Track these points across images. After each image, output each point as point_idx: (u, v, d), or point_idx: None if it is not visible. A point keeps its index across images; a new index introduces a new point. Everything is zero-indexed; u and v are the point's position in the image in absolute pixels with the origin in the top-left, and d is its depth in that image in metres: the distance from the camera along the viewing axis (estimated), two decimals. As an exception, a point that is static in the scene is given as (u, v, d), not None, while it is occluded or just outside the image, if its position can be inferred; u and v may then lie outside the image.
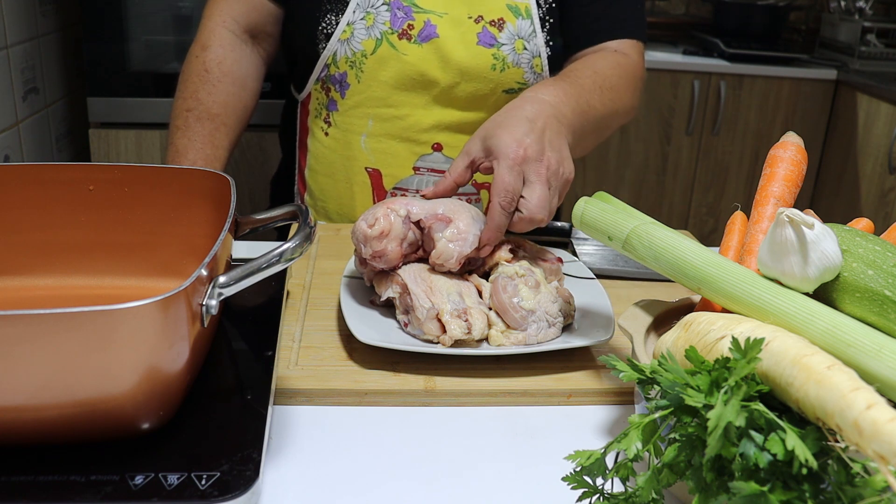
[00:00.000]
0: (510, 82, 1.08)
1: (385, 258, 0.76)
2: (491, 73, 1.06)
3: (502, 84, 1.08)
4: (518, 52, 1.07)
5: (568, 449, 0.55)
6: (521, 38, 1.07)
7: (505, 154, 0.79)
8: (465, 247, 0.76)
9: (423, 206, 0.78)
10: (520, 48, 1.07)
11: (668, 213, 2.69)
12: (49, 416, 0.51)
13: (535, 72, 1.09)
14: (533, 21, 1.08)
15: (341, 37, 1.06)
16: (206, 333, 0.58)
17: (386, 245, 0.76)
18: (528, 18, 1.08)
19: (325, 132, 1.13)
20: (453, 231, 0.76)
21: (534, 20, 1.08)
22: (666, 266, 0.63)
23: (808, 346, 0.49)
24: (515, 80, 1.08)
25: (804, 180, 0.71)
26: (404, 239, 0.77)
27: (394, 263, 0.77)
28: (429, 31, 1.05)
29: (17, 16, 1.71)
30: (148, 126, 1.88)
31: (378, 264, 0.77)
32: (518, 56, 1.07)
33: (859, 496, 0.42)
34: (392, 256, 0.76)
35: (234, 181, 0.68)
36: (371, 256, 0.76)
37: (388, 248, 0.76)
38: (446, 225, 0.77)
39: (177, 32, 1.88)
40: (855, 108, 2.50)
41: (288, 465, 0.59)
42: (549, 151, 0.81)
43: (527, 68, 1.08)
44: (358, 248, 0.78)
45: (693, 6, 2.99)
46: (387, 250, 0.76)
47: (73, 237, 0.72)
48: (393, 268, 0.77)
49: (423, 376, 0.69)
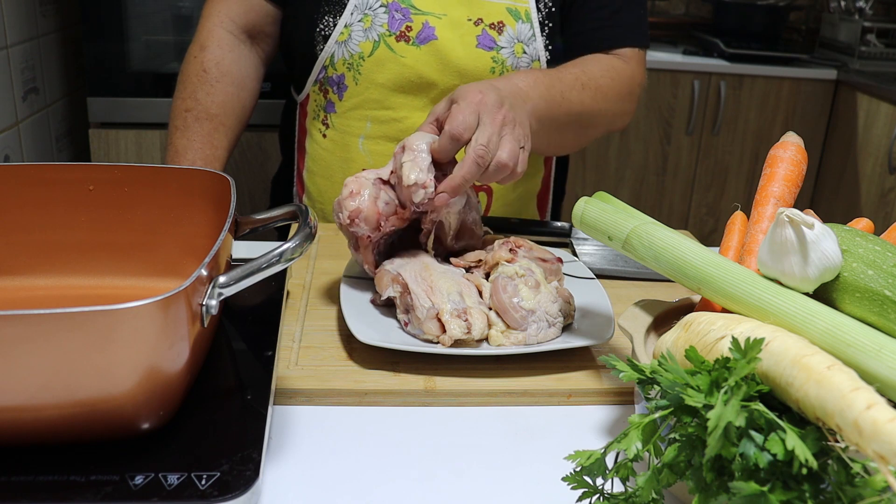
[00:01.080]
0: None
1: (362, 217, 0.77)
2: (490, 76, 1.06)
3: None
4: (517, 55, 1.07)
5: (568, 449, 0.55)
6: (520, 42, 1.07)
7: (464, 97, 0.79)
8: (423, 154, 0.76)
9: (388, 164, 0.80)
10: (519, 52, 1.07)
11: (668, 213, 2.69)
12: (49, 416, 0.51)
13: None
14: (532, 25, 1.07)
15: (339, 39, 1.06)
16: (206, 333, 0.58)
17: (359, 203, 0.77)
18: (528, 22, 1.07)
19: (323, 134, 1.12)
20: (407, 152, 0.76)
21: (533, 24, 1.07)
22: (666, 266, 0.63)
23: (808, 346, 0.49)
24: None
25: (804, 180, 0.71)
26: (377, 197, 0.78)
27: (374, 223, 0.77)
28: (427, 33, 1.04)
29: (17, 16, 1.71)
30: (148, 126, 1.88)
31: (359, 230, 0.77)
32: (517, 59, 1.07)
33: (859, 496, 0.42)
34: (368, 214, 0.77)
35: (234, 181, 0.68)
36: (349, 221, 0.77)
37: (362, 206, 0.77)
38: (402, 153, 0.77)
39: (177, 32, 1.88)
40: (855, 108, 2.50)
41: (288, 465, 0.59)
42: (507, 107, 0.81)
43: None
44: (337, 221, 0.79)
45: (693, 6, 2.99)
46: (361, 208, 0.77)
47: (73, 237, 0.72)
48: (376, 229, 0.78)
49: (423, 376, 0.69)
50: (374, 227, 0.78)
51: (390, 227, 0.79)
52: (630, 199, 2.61)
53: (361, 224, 0.77)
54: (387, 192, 0.79)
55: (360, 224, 0.77)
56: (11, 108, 1.68)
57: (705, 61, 2.56)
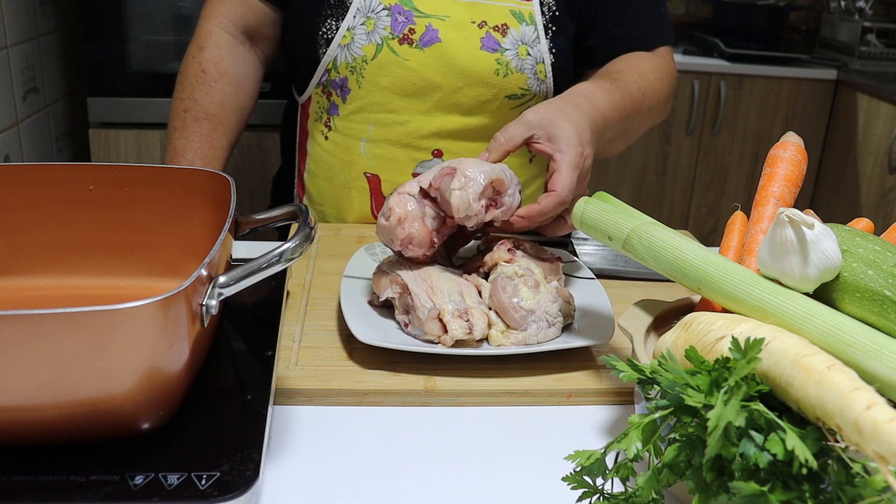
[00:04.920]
0: (513, 88, 1.07)
1: (416, 241, 0.76)
2: (494, 78, 1.05)
3: (505, 89, 1.07)
4: (522, 57, 1.06)
5: (568, 449, 0.55)
6: (524, 44, 1.06)
7: (570, 153, 0.83)
8: (477, 186, 0.74)
9: (429, 173, 0.78)
10: (523, 53, 1.06)
11: (668, 213, 2.69)
12: (49, 416, 0.51)
13: (539, 78, 1.08)
14: (537, 27, 1.07)
15: (342, 42, 1.06)
16: (206, 333, 0.58)
17: (409, 229, 0.75)
18: (532, 24, 1.07)
19: (325, 136, 1.12)
20: (460, 178, 0.75)
21: (537, 26, 1.07)
22: (666, 266, 0.63)
23: (808, 346, 0.49)
24: (518, 86, 1.07)
25: (804, 180, 0.71)
26: (424, 216, 0.76)
27: (426, 245, 0.76)
28: (431, 36, 1.04)
29: (17, 16, 1.71)
30: (148, 126, 1.88)
31: (413, 252, 0.76)
32: (521, 61, 1.06)
33: (859, 496, 0.42)
34: (422, 237, 0.76)
35: (234, 181, 0.68)
36: (403, 247, 0.76)
37: (412, 231, 0.75)
38: (452, 177, 0.75)
39: (177, 32, 1.88)
40: (855, 108, 2.50)
41: (288, 465, 0.59)
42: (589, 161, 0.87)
43: (530, 74, 1.07)
44: (389, 246, 0.77)
45: (693, 6, 2.99)
46: (412, 234, 0.75)
47: (73, 237, 0.72)
48: (430, 248, 0.77)
49: (423, 376, 0.69)
50: (428, 247, 0.77)
51: (441, 238, 0.78)
52: (630, 199, 2.61)
53: (415, 248, 0.76)
54: (431, 207, 0.77)
55: (413, 248, 0.76)
56: (11, 108, 1.68)
57: (705, 61, 2.56)
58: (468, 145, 1.09)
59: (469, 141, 1.09)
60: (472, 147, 1.09)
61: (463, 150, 1.09)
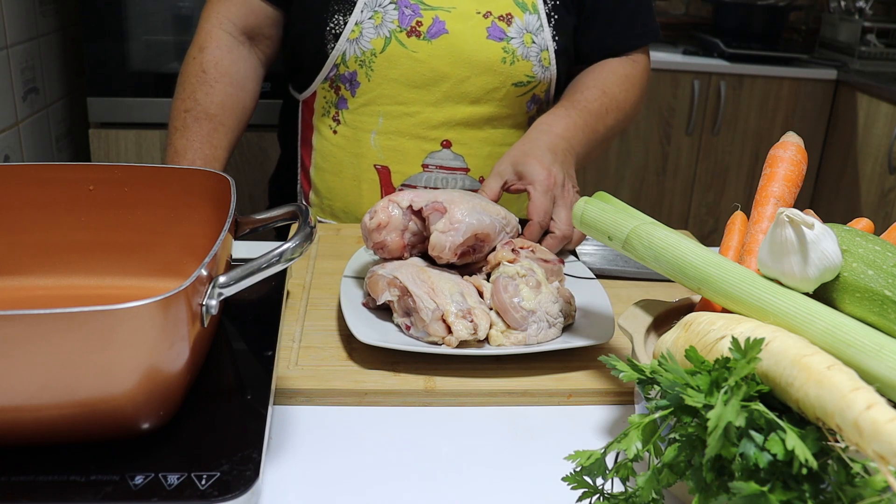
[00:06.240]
0: (519, 75, 1.09)
1: (386, 249, 0.79)
2: (501, 66, 1.08)
3: (512, 77, 1.09)
4: (527, 45, 1.09)
5: (568, 449, 0.55)
6: (529, 32, 1.09)
7: (539, 181, 0.92)
8: (458, 236, 0.77)
9: (427, 195, 0.80)
10: (528, 41, 1.09)
11: (668, 213, 2.69)
12: (49, 416, 0.51)
13: (544, 65, 1.11)
14: (540, 16, 1.10)
15: (350, 37, 1.07)
16: (206, 333, 0.58)
17: (385, 237, 0.79)
18: (535, 13, 1.10)
19: (334, 130, 1.13)
20: (446, 222, 0.77)
21: (540, 15, 1.10)
22: (666, 266, 0.63)
23: (808, 346, 0.49)
24: (524, 74, 1.10)
25: (804, 180, 0.71)
26: (405, 230, 0.79)
27: (396, 254, 0.80)
28: (438, 28, 1.06)
29: (17, 16, 1.71)
30: (148, 126, 1.87)
31: (382, 255, 0.80)
32: (527, 49, 1.09)
33: (859, 496, 0.42)
34: (393, 247, 0.79)
35: (234, 181, 0.68)
36: (374, 247, 0.80)
37: (387, 240, 0.79)
38: (441, 215, 0.78)
39: (177, 32, 1.88)
40: (855, 108, 2.50)
41: (288, 465, 0.59)
42: (567, 179, 0.95)
43: (535, 61, 1.10)
44: (364, 241, 0.81)
45: (693, 6, 2.99)
46: (386, 241, 0.79)
47: (73, 237, 0.72)
48: (398, 258, 0.80)
49: (423, 376, 0.69)
50: (397, 256, 0.80)
51: (415, 253, 0.82)
52: (630, 199, 2.61)
53: (385, 254, 0.80)
54: (415, 223, 0.80)
55: (383, 253, 0.80)
56: (11, 108, 1.68)
57: (705, 61, 2.56)
58: (476, 133, 1.11)
59: (477, 129, 1.11)
60: (479, 136, 1.12)
61: (471, 140, 1.12)
